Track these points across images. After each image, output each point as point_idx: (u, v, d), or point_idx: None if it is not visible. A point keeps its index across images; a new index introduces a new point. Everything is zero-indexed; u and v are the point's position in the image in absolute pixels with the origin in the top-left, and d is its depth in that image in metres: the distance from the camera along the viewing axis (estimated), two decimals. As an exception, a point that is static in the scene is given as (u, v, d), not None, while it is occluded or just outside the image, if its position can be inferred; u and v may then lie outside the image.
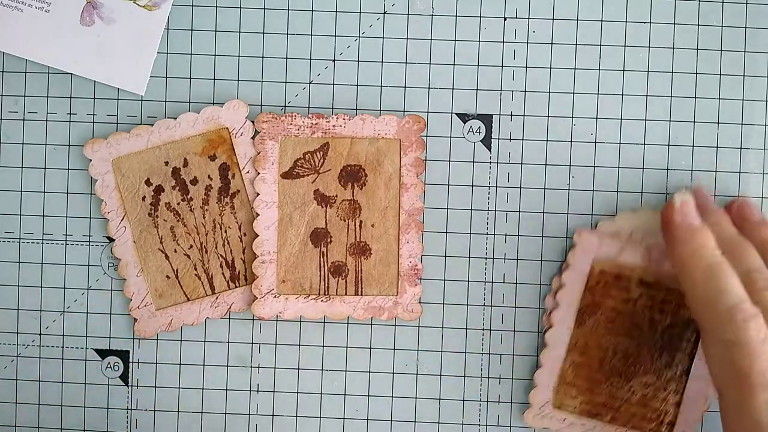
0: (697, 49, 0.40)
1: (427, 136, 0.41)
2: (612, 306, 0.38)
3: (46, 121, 0.41)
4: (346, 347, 0.41)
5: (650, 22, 0.40)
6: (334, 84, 0.41)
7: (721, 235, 0.34)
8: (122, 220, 0.40)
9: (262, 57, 0.41)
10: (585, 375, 0.38)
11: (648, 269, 0.37)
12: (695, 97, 0.40)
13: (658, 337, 0.37)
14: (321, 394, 0.41)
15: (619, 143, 0.40)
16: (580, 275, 0.38)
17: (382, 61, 0.41)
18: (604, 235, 0.38)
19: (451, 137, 0.41)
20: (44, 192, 0.41)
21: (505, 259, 0.41)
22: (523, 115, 0.41)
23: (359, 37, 0.41)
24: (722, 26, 0.40)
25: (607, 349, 0.38)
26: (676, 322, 0.37)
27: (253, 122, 0.40)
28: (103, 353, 0.41)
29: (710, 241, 0.33)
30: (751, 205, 0.37)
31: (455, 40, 0.41)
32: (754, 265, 0.32)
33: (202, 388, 0.41)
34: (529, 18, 0.41)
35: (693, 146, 0.41)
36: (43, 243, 0.41)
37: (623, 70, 0.41)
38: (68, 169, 0.41)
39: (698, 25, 0.40)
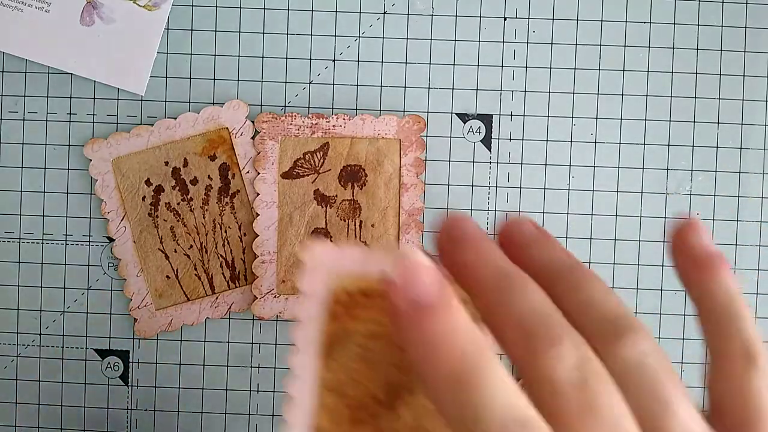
0: (697, 49, 0.40)
1: (427, 136, 0.41)
2: (365, 331, 0.30)
3: (46, 121, 0.41)
4: (346, 347, 0.41)
5: (650, 22, 0.40)
6: (334, 84, 0.41)
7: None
8: (122, 220, 0.40)
9: (262, 57, 0.41)
10: (343, 417, 0.30)
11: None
12: (695, 97, 0.40)
13: None
14: (321, 394, 0.41)
15: (619, 143, 0.40)
16: (317, 302, 0.29)
17: (382, 61, 0.41)
18: (340, 247, 0.29)
19: (451, 137, 0.41)
20: (44, 192, 0.41)
21: (505, 259, 0.41)
22: (523, 115, 0.41)
23: (359, 37, 0.41)
24: (722, 26, 0.40)
25: (365, 382, 0.30)
26: None
27: (253, 122, 0.40)
28: (103, 353, 0.41)
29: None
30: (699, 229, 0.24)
31: (455, 40, 0.41)
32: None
33: (202, 388, 0.41)
34: (529, 18, 0.41)
35: (693, 146, 0.41)
36: (43, 243, 0.41)
37: (623, 70, 0.41)
38: (68, 169, 0.41)
39: (698, 25, 0.40)
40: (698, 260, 0.24)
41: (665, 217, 0.41)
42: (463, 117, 0.41)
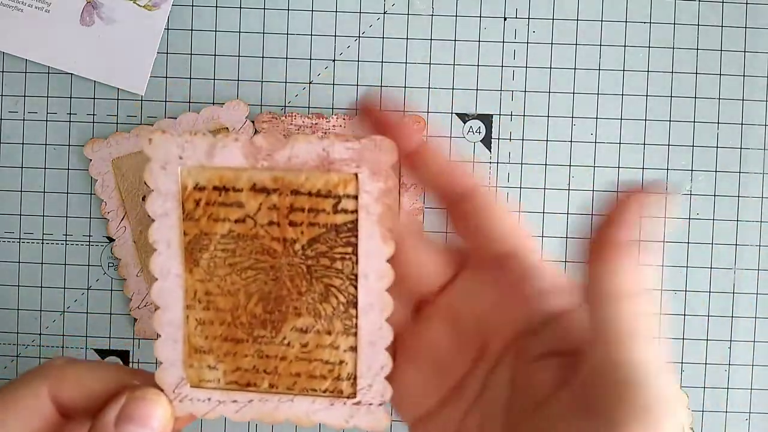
0: (697, 49, 0.40)
1: (427, 136, 0.41)
2: (226, 231, 0.27)
3: (46, 121, 0.41)
4: (346, 347, 0.41)
5: (650, 22, 0.40)
6: (334, 84, 0.41)
7: None
8: (122, 220, 0.40)
9: (262, 57, 0.41)
10: (219, 335, 0.27)
11: (257, 168, 0.26)
12: (695, 97, 0.40)
13: (300, 260, 0.26)
14: (321, 394, 0.41)
15: (619, 143, 0.40)
16: (168, 200, 0.26)
17: (382, 61, 0.41)
18: (183, 135, 0.26)
19: (451, 137, 0.41)
20: (44, 192, 0.41)
21: (505, 259, 0.41)
22: (523, 115, 0.41)
23: (359, 37, 0.41)
24: (722, 26, 0.40)
25: (236, 293, 0.27)
26: (317, 235, 0.26)
27: (253, 122, 0.40)
28: (103, 353, 0.41)
29: None
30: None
31: (455, 40, 0.41)
32: None
33: (202, 388, 0.41)
34: (529, 18, 0.41)
35: (693, 146, 0.41)
36: (43, 243, 0.41)
37: (623, 70, 0.41)
38: (68, 169, 0.41)
39: (698, 25, 0.40)
40: None
41: (665, 217, 0.41)
42: (463, 117, 0.41)
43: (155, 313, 0.27)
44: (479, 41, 0.41)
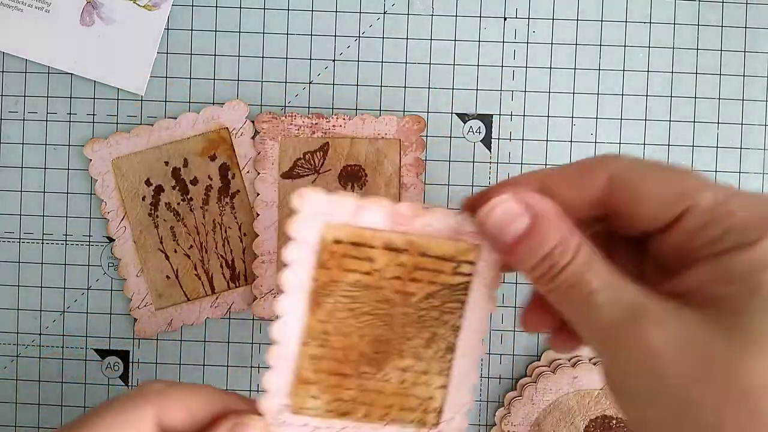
0: (697, 49, 0.40)
1: (427, 136, 0.41)
2: (353, 281, 0.30)
3: (46, 121, 0.41)
4: (346, 347, 0.41)
5: (650, 22, 0.41)
6: (334, 84, 0.41)
7: None
8: (122, 220, 0.40)
9: (262, 57, 0.41)
10: (328, 369, 0.31)
11: (395, 230, 0.29)
12: (695, 97, 0.40)
13: (413, 311, 0.30)
14: (321, 394, 0.41)
15: (619, 143, 0.40)
16: (307, 248, 0.30)
17: (382, 61, 0.41)
18: (333, 195, 0.29)
19: (451, 137, 0.41)
20: (44, 192, 0.41)
21: (505, 259, 0.41)
22: (523, 115, 0.41)
23: (359, 37, 0.41)
24: (722, 26, 0.40)
25: (351, 334, 0.31)
26: (434, 291, 0.30)
27: (253, 122, 0.40)
28: (103, 353, 0.41)
29: None
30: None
31: (455, 40, 0.41)
32: None
33: (202, 388, 0.41)
34: (529, 18, 0.41)
35: (693, 146, 0.41)
36: (43, 243, 0.41)
37: (623, 70, 0.41)
38: (68, 169, 0.41)
39: (698, 25, 0.40)
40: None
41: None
42: (463, 117, 0.41)
43: (270, 348, 0.30)
44: (479, 41, 0.41)
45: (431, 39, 0.41)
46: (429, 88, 0.41)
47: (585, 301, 0.24)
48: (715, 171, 0.40)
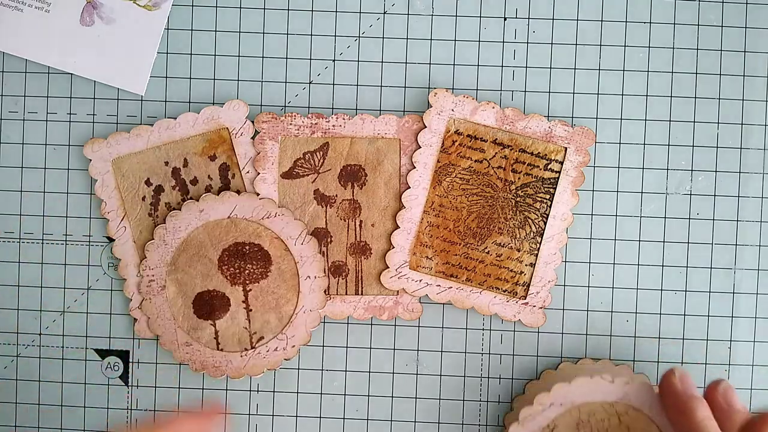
0: (697, 49, 0.40)
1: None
2: (467, 166, 0.38)
3: (46, 121, 0.41)
4: (346, 347, 0.41)
5: (650, 22, 0.41)
6: (334, 84, 0.41)
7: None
8: (122, 220, 0.40)
9: (262, 57, 0.41)
10: (440, 236, 0.39)
11: (501, 129, 0.38)
12: (695, 97, 0.40)
13: (512, 197, 0.38)
14: (321, 394, 0.41)
15: (620, 143, 0.40)
16: (435, 136, 0.38)
17: (382, 61, 0.41)
18: (458, 95, 0.39)
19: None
20: (44, 192, 0.41)
21: (505, 259, 0.41)
22: (523, 115, 0.41)
23: (359, 37, 0.41)
24: (722, 26, 0.40)
25: (461, 209, 0.38)
26: (529, 182, 0.38)
27: (253, 122, 0.40)
28: (103, 353, 0.41)
29: (711, 414, 0.34)
30: (734, 391, 0.36)
31: (455, 40, 0.41)
32: None
33: (202, 388, 0.41)
34: (529, 18, 0.41)
35: (693, 146, 0.41)
36: (43, 243, 0.41)
37: (623, 70, 0.41)
38: (68, 169, 0.41)
39: (698, 25, 0.40)
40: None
41: (665, 217, 0.41)
42: (463, 117, 0.41)
43: (400, 212, 0.39)
44: (479, 41, 0.41)
45: (431, 39, 0.41)
46: (429, 88, 0.41)
47: None
48: (715, 171, 0.40)
